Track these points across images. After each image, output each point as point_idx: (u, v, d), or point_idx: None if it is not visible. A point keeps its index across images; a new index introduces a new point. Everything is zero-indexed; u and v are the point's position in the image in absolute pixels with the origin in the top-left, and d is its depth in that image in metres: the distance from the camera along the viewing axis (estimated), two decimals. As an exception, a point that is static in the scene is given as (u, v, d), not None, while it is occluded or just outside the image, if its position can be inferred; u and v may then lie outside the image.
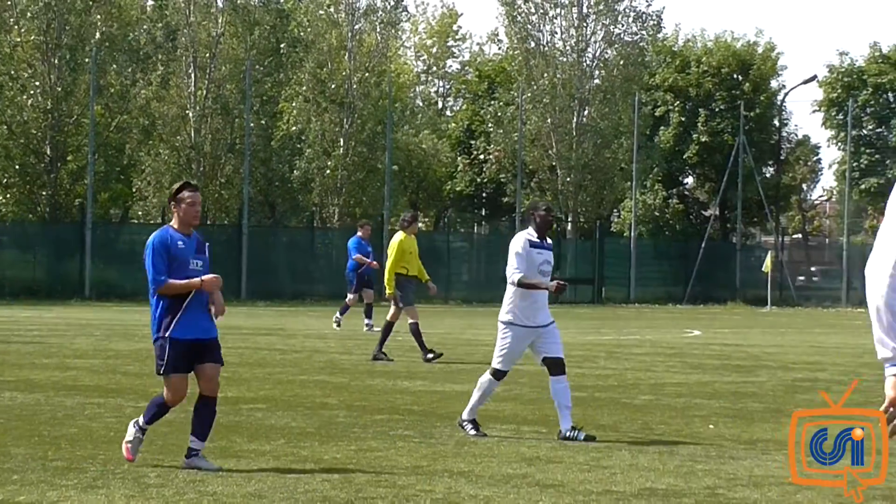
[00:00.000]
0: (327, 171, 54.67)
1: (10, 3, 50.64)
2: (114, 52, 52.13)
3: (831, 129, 67.36)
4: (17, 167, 50.50)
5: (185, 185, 10.50)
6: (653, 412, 14.71)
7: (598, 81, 59.59)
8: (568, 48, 59.05)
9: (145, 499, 8.93)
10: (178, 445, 11.26)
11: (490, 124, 61.49)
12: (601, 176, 59.27)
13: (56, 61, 50.46)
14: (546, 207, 12.70)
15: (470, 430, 12.42)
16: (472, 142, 67.18)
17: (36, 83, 50.24)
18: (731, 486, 9.93)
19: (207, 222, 52.85)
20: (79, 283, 47.73)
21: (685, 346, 27.64)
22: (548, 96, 58.21)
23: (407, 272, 21.53)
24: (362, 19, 56.66)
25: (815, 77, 66.40)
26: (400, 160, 61.47)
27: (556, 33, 59.33)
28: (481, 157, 65.83)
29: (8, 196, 51.47)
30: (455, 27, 78.34)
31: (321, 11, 56.26)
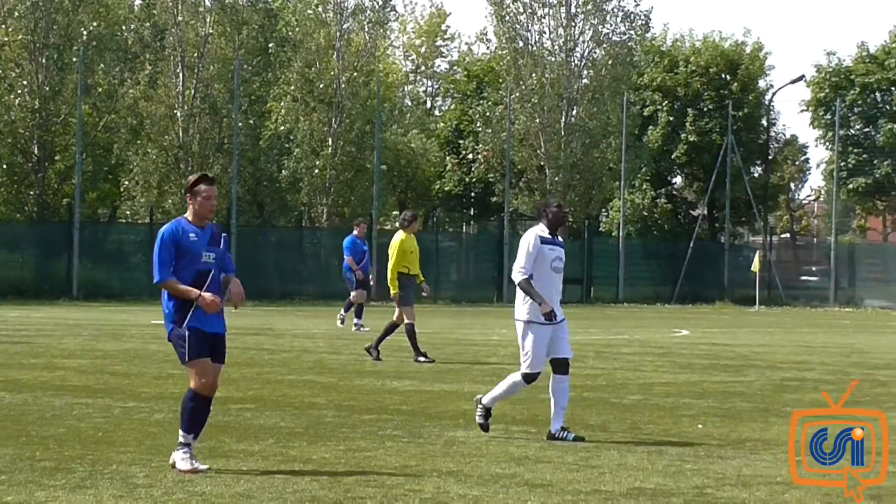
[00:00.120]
0: (316, 170, 54.64)
1: (-3, 2, 50.57)
2: (101, 51, 52.05)
3: (819, 128, 67.43)
4: (4, 167, 50.39)
5: (203, 177, 10.34)
6: (641, 412, 14.73)
7: (586, 81, 59.61)
8: (556, 48, 59.07)
9: (134, 499, 8.92)
10: (166, 446, 11.25)
11: (478, 124, 61.48)
12: (590, 176, 59.29)
13: (43, 60, 50.38)
14: (557, 204, 12.72)
15: (478, 415, 12.39)
16: (461, 141, 67.17)
17: (23, 82, 50.15)
18: (719, 485, 9.94)
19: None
20: (66, 282, 47.65)
21: (674, 345, 27.67)
22: (536, 96, 58.23)
23: (408, 272, 21.52)
24: (350, 19, 56.64)
25: (802, 77, 66.50)
26: (388, 160, 61.44)
27: (545, 33, 59.37)
28: (470, 156, 65.83)
29: (-5, 196, 51.43)
30: (443, 27, 78.32)
31: (309, 11, 56.22)
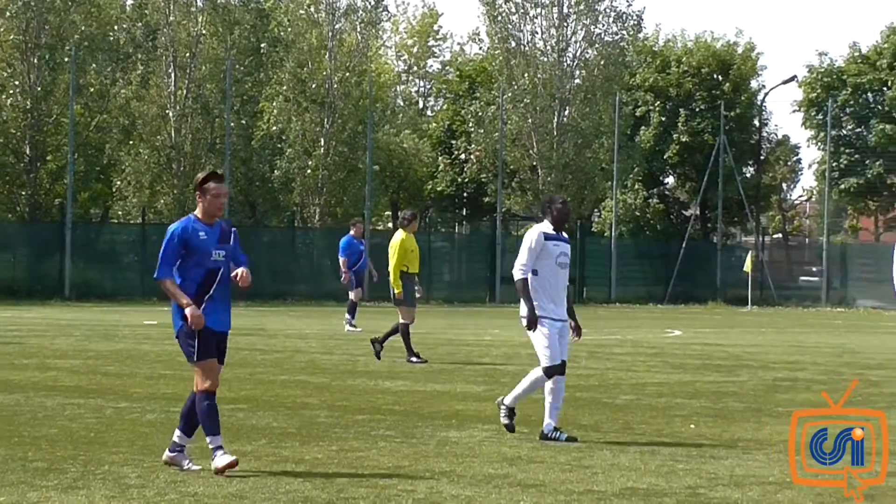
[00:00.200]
0: (308, 170, 54.61)
1: (-12, 2, 50.52)
2: (93, 51, 52.00)
3: (811, 129, 67.49)
4: (-4, 167, 50.39)
5: (212, 175, 10.31)
6: (634, 412, 14.73)
7: (578, 81, 59.61)
8: (548, 48, 59.08)
9: (126, 499, 8.91)
10: (159, 446, 11.24)
11: (471, 124, 61.47)
12: (582, 176, 59.31)
13: (35, 61, 50.33)
14: (563, 200, 12.69)
15: (503, 416, 12.36)
16: (453, 142, 67.15)
17: (15, 83, 50.10)
18: (711, 485, 9.94)
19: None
20: (59, 283, 47.61)
21: (666, 345, 27.69)
22: (528, 96, 58.23)
23: (407, 270, 21.53)
24: (343, 19, 56.62)
25: (794, 77, 66.56)
26: (381, 160, 61.41)
27: (537, 33, 59.35)
28: (462, 156, 65.83)
29: (-13, 196, 51.37)
30: (436, 27, 78.27)
31: (301, 11, 56.19)
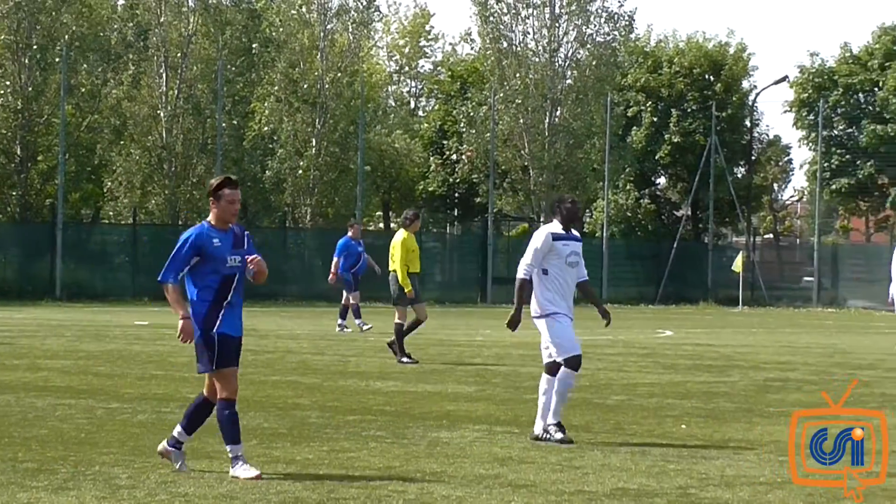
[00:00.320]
0: (299, 171, 54.57)
1: (-21, 2, 50.43)
2: (84, 51, 51.93)
3: (802, 129, 67.54)
4: (-14, 167, 50.32)
5: (227, 180, 10.23)
6: (625, 412, 14.73)
7: (570, 82, 59.63)
8: (540, 48, 59.10)
9: (116, 500, 8.90)
10: (149, 447, 11.23)
11: (462, 124, 61.46)
12: (573, 176, 59.33)
13: (26, 61, 50.25)
14: (572, 199, 12.69)
15: (556, 434, 12.06)
16: (445, 142, 67.14)
17: (6, 83, 50.02)
18: (702, 485, 9.95)
19: (179, 223, 52.73)
20: (49, 283, 47.52)
21: (657, 346, 27.70)
22: (520, 96, 58.24)
23: (408, 269, 21.55)
24: (334, 19, 56.60)
25: (786, 77, 66.62)
26: (372, 160, 61.39)
27: (529, 33, 59.36)
28: (454, 157, 65.82)
29: (-22, 197, 51.28)
30: (427, 27, 78.28)
31: (293, 11, 56.17)
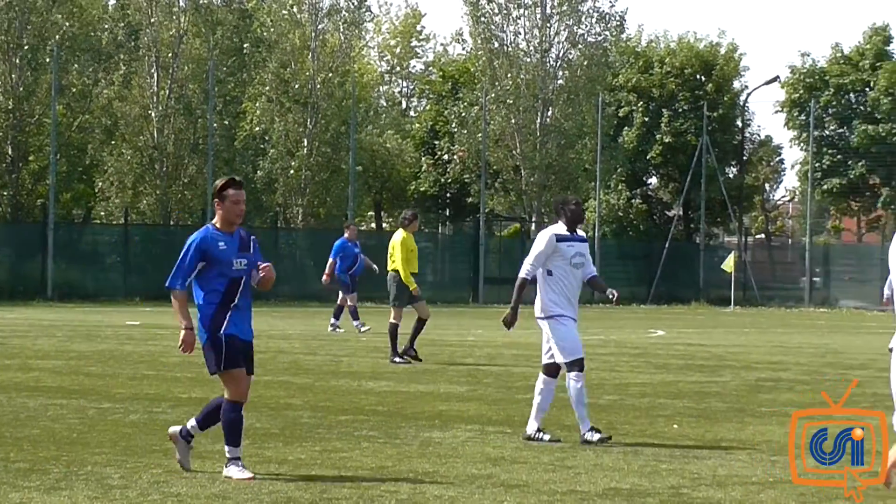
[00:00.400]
0: (291, 171, 54.55)
1: (-30, 2, 50.36)
2: (75, 51, 51.89)
3: (793, 129, 67.63)
4: (-22, 168, 50.24)
5: (231, 181, 10.14)
6: (617, 412, 14.73)
7: (561, 82, 59.68)
8: (532, 48, 59.13)
9: (109, 500, 8.89)
10: (141, 447, 11.22)
11: (454, 125, 61.50)
12: (565, 176, 59.37)
13: (17, 61, 50.18)
14: (576, 201, 12.68)
15: (595, 437, 12.00)
16: (436, 142, 67.15)
17: (-3, 83, 49.98)
18: (694, 485, 9.95)
19: (170, 223, 52.70)
20: (41, 283, 47.45)
21: (649, 346, 27.71)
22: (511, 97, 58.27)
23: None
24: (325, 19, 56.59)
25: (777, 78, 66.70)
26: (364, 160, 61.39)
27: (520, 34, 59.41)
28: (445, 157, 65.83)
29: (-31, 197, 51.20)
30: (419, 27, 78.28)
31: (284, 11, 56.15)
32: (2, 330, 28.87)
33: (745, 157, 68.39)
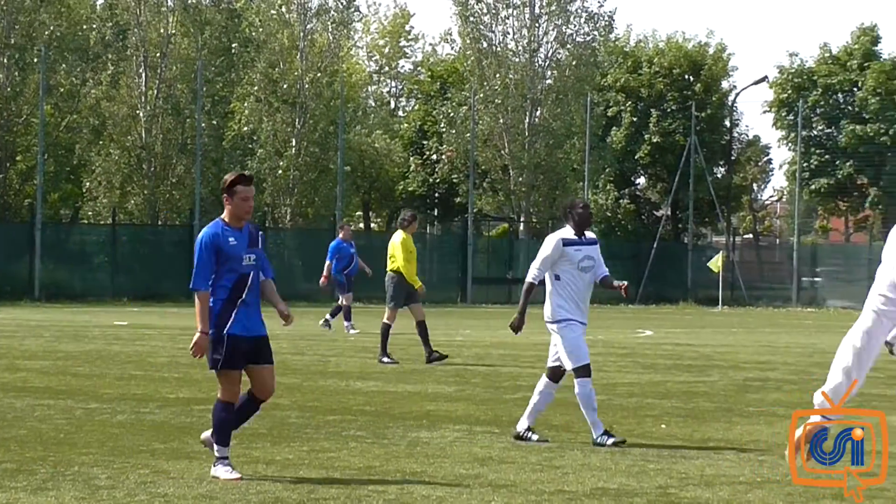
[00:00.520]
0: (279, 171, 54.52)
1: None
2: (63, 51, 51.83)
3: (782, 129, 67.74)
4: (-35, 167, 50.16)
5: (240, 177, 10.12)
6: (605, 412, 14.71)
7: (550, 82, 59.72)
8: (520, 48, 59.16)
9: (96, 501, 8.87)
10: (129, 447, 11.20)
11: (442, 124, 61.51)
12: (553, 176, 59.42)
13: (5, 60, 50.12)
14: (584, 204, 12.66)
15: (608, 441, 11.97)
16: (425, 142, 67.17)
17: (-16, 82, 49.92)
18: (682, 485, 9.96)
19: (158, 223, 52.64)
20: (28, 283, 47.36)
21: (637, 346, 27.73)
22: (500, 96, 58.30)
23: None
24: (314, 19, 56.57)
25: (765, 78, 66.82)
26: (352, 160, 61.37)
27: (509, 34, 59.45)
28: (433, 157, 65.84)
29: (-44, 196, 51.11)
30: (407, 27, 78.30)
31: (273, 11, 56.12)
32: (-11, 330, 28.81)
33: (733, 157, 68.48)
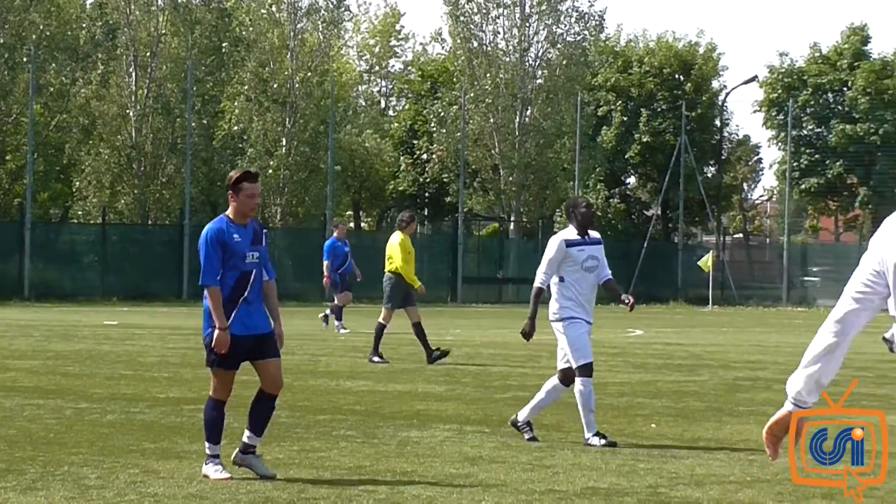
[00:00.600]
0: (269, 170, 54.47)
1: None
2: (53, 50, 51.76)
3: (772, 129, 67.82)
4: (-45, 167, 50.10)
5: (246, 174, 10.07)
6: (595, 412, 14.72)
7: (540, 81, 59.74)
8: (511, 48, 59.17)
9: (86, 500, 8.85)
10: (119, 447, 11.19)
11: (433, 124, 61.51)
12: (544, 175, 59.44)
13: (-6, 60, 50.08)
14: (586, 203, 12.65)
15: (599, 442, 11.96)
16: (415, 141, 67.17)
17: (-26, 82, 49.86)
18: (672, 484, 9.96)
19: (148, 222, 52.58)
20: (18, 283, 47.29)
21: (627, 345, 27.75)
22: (490, 96, 58.31)
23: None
24: (304, 18, 56.53)
25: (755, 77, 66.87)
26: (343, 160, 61.35)
27: (499, 33, 59.48)
28: (424, 156, 65.84)
29: (-54, 196, 51.05)
30: (398, 27, 78.30)
31: (263, 10, 56.07)
32: (-21, 330, 28.76)
33: (723, 157, 68.53)
